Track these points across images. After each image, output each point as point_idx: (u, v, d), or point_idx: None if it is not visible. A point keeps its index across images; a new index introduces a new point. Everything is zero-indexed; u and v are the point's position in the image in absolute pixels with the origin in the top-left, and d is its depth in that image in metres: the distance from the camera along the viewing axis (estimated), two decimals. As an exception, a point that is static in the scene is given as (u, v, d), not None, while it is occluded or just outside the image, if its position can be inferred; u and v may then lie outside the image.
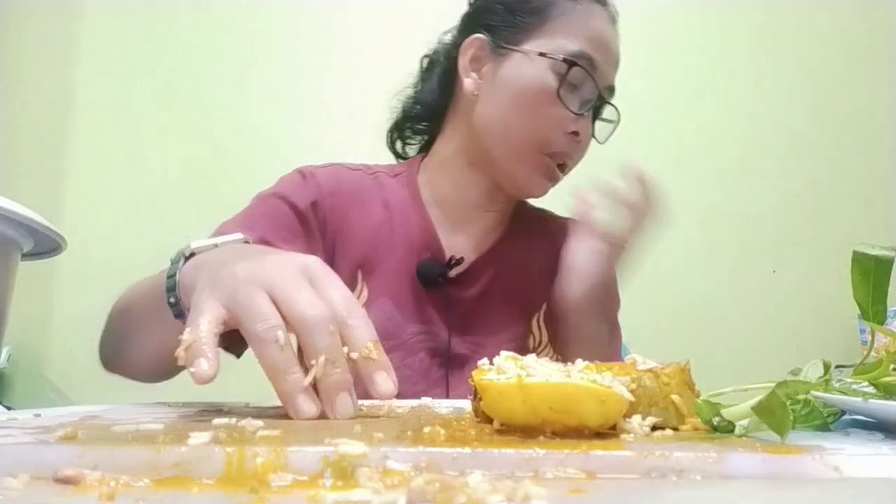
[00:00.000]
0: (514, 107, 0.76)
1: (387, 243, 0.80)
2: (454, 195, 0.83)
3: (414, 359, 0.76)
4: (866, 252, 0.39)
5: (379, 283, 0.78)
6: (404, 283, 0.79)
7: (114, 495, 0.22)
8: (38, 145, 1.84)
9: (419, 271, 0.79)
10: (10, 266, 0.59)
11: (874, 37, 1.92)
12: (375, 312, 0.76)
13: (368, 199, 0.82)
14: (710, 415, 0.34)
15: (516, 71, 0.77)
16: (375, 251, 0.79)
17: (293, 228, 0.77)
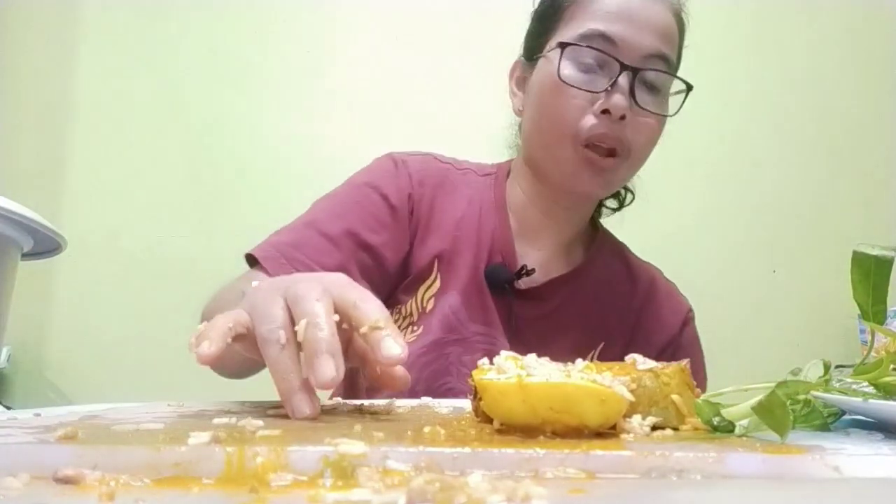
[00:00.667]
0: (539, 107, 0.76)
1: (466, 239, 0.80)
2: (525, 204, 0.83)
3: (472, 357, 0.75)
4: (866, 252, 0.39)
5: (452, 277, 0.78)
6: (475, 282, 0.79)
7: (114, 495, 0.22)
8: (38, 145, 1.84)
9: (487, 274, 0.79)
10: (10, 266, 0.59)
11: (875, 37, 1.92)
12: (443, 303, 0.77)
13: (454, 193, 0.82)
14: (710, 415, 0.34)
15: (539, 74, 0.77)
16: (454, 245, 0.79)
17: (382, 219, 0.77)
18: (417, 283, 0.78)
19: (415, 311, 0.77)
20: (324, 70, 1.85)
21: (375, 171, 0.82)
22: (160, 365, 1.63)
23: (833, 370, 0.39)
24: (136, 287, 1.73)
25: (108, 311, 1.73)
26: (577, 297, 0.82)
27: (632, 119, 0.72)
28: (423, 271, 0.78)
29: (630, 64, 0.71)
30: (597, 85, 0.72)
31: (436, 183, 0.82)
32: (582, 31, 0.73)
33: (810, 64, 1.90)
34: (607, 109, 0.70)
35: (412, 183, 0.80)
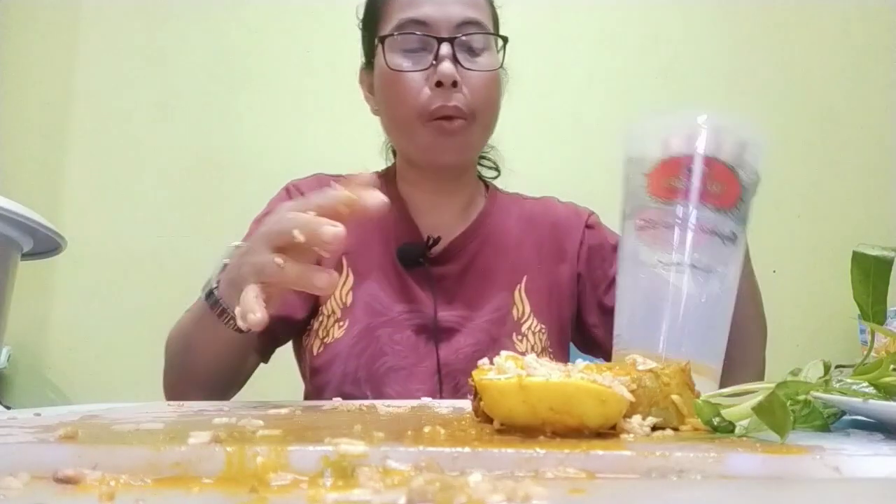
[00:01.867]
0: (386, 101, 0.82)
1: (369, 235, 0.85)
2: (414, 192, 0.88)
3: (402, 335, 0.81)
4: (866, 252, 0.39)
5: (363, 269, 0.84)
6: (387, 267, 0.84)
7: (114, 495, 0.22)
8: (38, 145, 1.84)
9: (399, 255, 0.84)
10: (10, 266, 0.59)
11: (875, 37, 1.92)
12: (361, 295, 0.82)
13: None
14: (710, 415, 0.34)
15: (377, 73, 0.83)
16: (359, 241, 0.83)
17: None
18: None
19: (336, 309, 0.82)
20: (324, 70, 1.84)
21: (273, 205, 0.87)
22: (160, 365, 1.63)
23: (833, 370, 0.39)
24: (136, 287, 1.73)
25: (108, 311, 1.73)
26: (486, 243, 0.88)
27: (465, 83, 0.77)
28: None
29: (445, 36, 0.77)
30: (423, 64, 0.78)
31: None
32: (395, 23, 0.79)
33: (810, 64, 1.90)
34: (439, 81, 0.76)
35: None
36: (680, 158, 0.52)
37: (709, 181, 0.51)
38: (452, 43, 0.77)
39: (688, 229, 0.51)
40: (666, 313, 0.51)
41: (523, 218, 0.92)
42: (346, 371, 0.78)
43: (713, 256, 0.51)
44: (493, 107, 0.83)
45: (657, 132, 0.54)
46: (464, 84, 0.77)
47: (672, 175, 0.52)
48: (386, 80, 0.80)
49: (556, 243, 0.90)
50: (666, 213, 0.52)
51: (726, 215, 0.52)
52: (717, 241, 0.51)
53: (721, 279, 0.52)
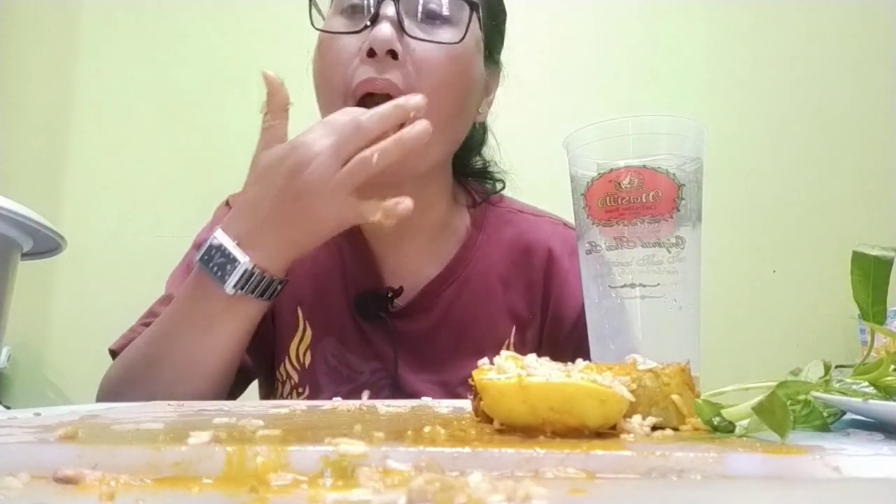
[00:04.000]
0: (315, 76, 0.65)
1: (325, 275, 0.70)
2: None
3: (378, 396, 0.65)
4: (866, 252, 0.39)
5: (321, 321, 0.69)
6: (348, 319, 0.69)
7: (114, 495, 0.22)
8: (38, 145, 1.84)
9: (355, 306, 0.69)
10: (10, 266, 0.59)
11: (875, 37, 1.92)
12: (321, 353, 0.68)
13: None
14: (710, 415, 0.34)
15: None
16: (313, 284, 0.70)
17: None
18: (286, 341, 0.69)
19: (293, 372, 0.68)
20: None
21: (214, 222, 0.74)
22: (160, 365, 1.63)
23: (833, 370, 0.39)
24: (136, 287, 1.73)
25: (108, 311, 1.73)
26: (464, 291, 0.70)
27: (407, 56, 0.58)
28: (288, 325, 0.69)
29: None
30: (357, 25, 0.60)
31: None
32: None
33: (809, 63, 1.90)
34: (371, 50, 0.57)
35: None
36: (608, 174, 0.51)
37: (641, 192, 0.50)
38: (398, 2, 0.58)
39: (628, 248, 0.50)
40: (625, 334, 0.51)
41: (518, 247, 0.73)
42: None
43: (661, 269, 0.50)
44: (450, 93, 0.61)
45: (587, 147, 0.53)
46: (408, 56, 0.58)
47: (605, 193, 0.51)
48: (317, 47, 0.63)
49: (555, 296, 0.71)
50: (606, 235, 0.51)
51: (667, 221, 0.50)
52: (661, 252, 0.50)
53: (675, 287, 0.51)
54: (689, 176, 0.51)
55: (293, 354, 0.69)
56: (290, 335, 0.70)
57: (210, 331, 0.56)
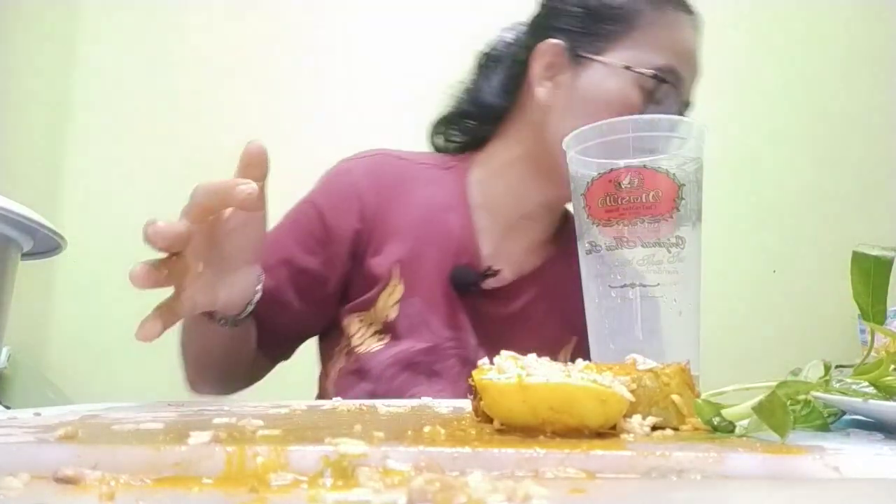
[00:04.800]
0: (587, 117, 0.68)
1: (428, 240, 0.76)
2: (508, 201, 0.79)
3: (444, 364, 0.73)
4: (866, 252, 0.39)
5: (415, 281, 0.75)
6: (439, 285, 0.75)
7: (114, 495, 0.22)
8: (37, 145, 1.84)
9: (452, 277, 0.75)
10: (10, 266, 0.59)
11: (875, 37, 1.92)
12: (408, 310, 0.74)
13: (413, 192, 0.79)
14: (710, 415, 0.34)
15: (599, 84, 0.72)
16: (415, 247, 0.76)
17: (319, 238, 0.77)
18: (378, 291, 0.75)
19: (377, 321, 0.74)
20: (324, 70, 1.85)
21: (318, 186, 0.80)
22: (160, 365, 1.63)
23: (833, 370, 0.39)
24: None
25: (108, 311, 1.73)
26: (547, 293, 0.78)
27: None
28: (382, 278, 0.75)
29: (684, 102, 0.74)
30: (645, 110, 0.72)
31: (391, 184, 0.79)
32: (660, 64, 0.71)
33: (809, 64, 1.90)
34: None
35: (359, 191, 0.77)
36: (608, 174, 0.51)
37: (641, 192, 0.50)
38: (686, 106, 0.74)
39: (629, 248, 0.50)
40: (625, 334, 0.50)
41: None
42: (376, 391, 0.71)
43: (661, 269, 0.50)
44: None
45: (587, 147, 0.53)
46: None
47: (604, 194, 0.51)
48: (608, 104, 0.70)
49: None
50: (606, 235, 0.51)
51: (667, 221, 0.50)
52: (661, 252, 0.50)
53: (675, 287, 0.51)
54: (689, 176, 0.51)
55: (381, 305, 0.75)
56: (382, 287, 0.75)
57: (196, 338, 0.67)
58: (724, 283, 1.72)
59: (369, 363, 0.73)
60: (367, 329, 0.75)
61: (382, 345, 0.73)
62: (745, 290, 1.78)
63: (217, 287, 0.56)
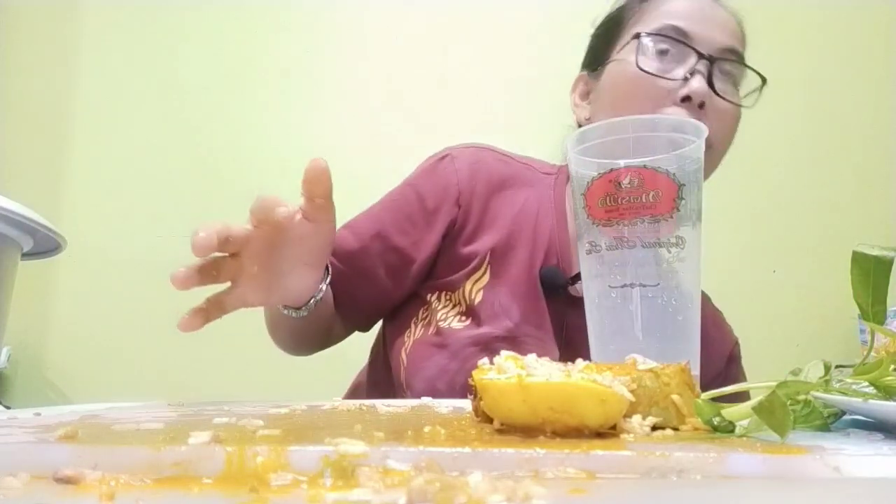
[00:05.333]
0: (614, 104, 0.76)
1: (521, 235, 0.79)
2: None
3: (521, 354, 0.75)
4: (866, 252, 0.39)
5: (503, 272, 0.78)
6: (527, 281, 0.78)
7: (114, 495, 0.22)
8: (38, 145, 1.84)
9: (542, 275, 0.78)
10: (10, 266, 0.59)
11: (875, 37, 1.92)
12: (491, 298, 0.77)
13: (513, 187, 0.82)
14: (710, 415, 0.34)
15: (610, 76, 0.78)
16: (508, 240, 0.79)
17: (415, 220, 0.80)
18: (466, 275, 0.79)
19: (462, 302, 0.77)
20: (324, 70, 1.85)
21: (420, 171, 0.83)
22: (160, 365, 1.63)
23: (833, 370, 0.39)
24: (136, 287, 1.73)
25: (108, 311, 1.73)
26: None
27: (711, 108, 0.72)
28: (472, 264, 0.79)
29: (707, 52, 0.72)
30: (675, 74, 0.72)
31: (492, 177, 0.82)
32: (656, 26, 0.74)
33: (810, 64, 1.90)
34: (688, 96, 0.70)
35: (459, 179, 0.80)
36: (608, 174, 0.51)
37: (641, 192, 0.50)
38: (713, 62, 0.72)
39: (629, 248, 0.50)
40: (625, 334, 0.50)
41: None
42: (448, 367, 0.73)
43: (661, 269, 0.50)
44: (730, 141, 0.78)
45: (587, 147, 0.53)
46: (710, 109, 0.72)
47: (605, 194, 0.51)
48: (626, 82, 0.74)
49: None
50: (606, 234, 0.51)
51: (667, 221, 0.50)
52: (661, 252, 0.50)
53: (675, 287, 0.50)
54: (689, 176, 0.51)
55: (468, 289, 0.77)
56: (470, 273, 0.78)
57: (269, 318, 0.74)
58: (724, 283, 1.72)
59: (450, 338, 0.75)
60: (452, 308, 0.78)
61: (464, 326, 0.76)
62: (745, 290, 1.78)
63: (271, 289, 0.58)
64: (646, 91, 0.72)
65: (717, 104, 0.73)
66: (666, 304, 0.50)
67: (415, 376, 0.74)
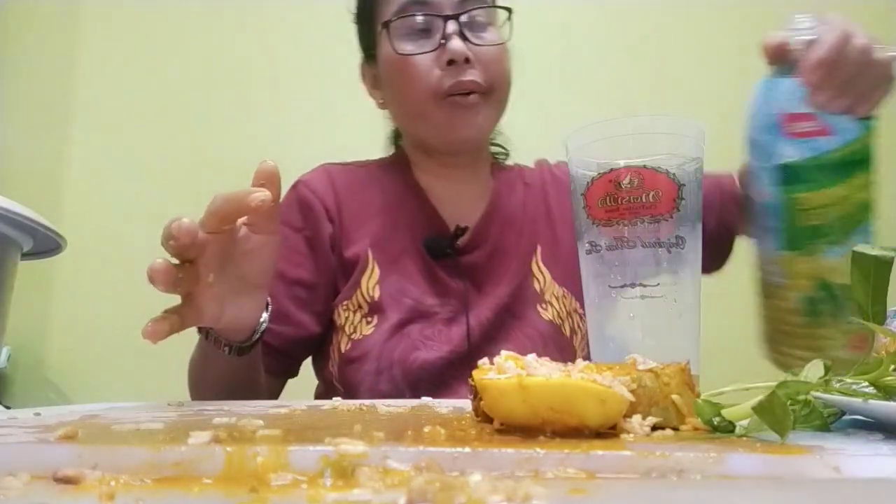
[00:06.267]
0: (395, 89, 0.81)
1: (393, 224, 0.84)
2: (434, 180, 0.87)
3: (434, 329, 0.79)
4: (866, 252, 0.39)
5: (389, 262, 0.82)
6: (414, 258, 0.82)
7: (114, 495, 0.22)
8: (38, 145, 1.84)
9: (427, 247, 0.82)
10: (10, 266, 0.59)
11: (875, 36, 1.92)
12: (388, 288, 0.80)
13: (365, 188, 0.87)
14: (710, 415, 0.34)
15: (382, 66, 0.82)
16: (382, 233, 0.83)
17: (302, 251, 0.83)
18: (358, 277, 0.82)
19: (363, 303, 0.80)
20: (324, 69, 1.84)
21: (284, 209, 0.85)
22: (160, 365, 1.63)
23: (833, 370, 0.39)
24: (137, 287, 1.72)
25: (108, 310, 1.73)
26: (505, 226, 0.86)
27: (477, 59, 0.77)
28: (360, 265, 0.82)
29: (450, 13, 0.77)
30: (431, 45, 0.77)
31: (344, 185, 0.87)
32: (396, 7, 0.78)
33: (810, 64, 1.90)
34: (451, 59, 0.75)
35: (319, 197, 0.85)
36: (608, 174, 0.51)
37: (641, 192, 0.50)
38: (458, 19, 0.76)
39: (629, 248, 0.50)
40: (625, 334, 0.51)
41: (526, 189, 0.91)
42: (381, 368, 0.76)
43: (661, 269, 0.50)
44: (507, 80, 0.81)
45: (587, 147, 0.53)
46: (476, 60, 0.76)
47: (604, 193, 0.51)
48: (395, 67, 0.79)
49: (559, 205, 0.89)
50: (605, 234, 0.51)
51: (667, 221, 0.50)
52: (661, 252, 0.50)
53: (675, 287, 0.50)
54: (689, 176, 0.51)
55: (364, 288, 0.81)
56: (361, 272, 0.82)
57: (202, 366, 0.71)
58: (724, 283, 1.72)
59: (367, 344, 0.77)
60: (355, 314, 0.80)
61: (373, 327, 0.78)
62: (745, 291, 1.78)
63: (225, 303, 0.57)
64: (414, 72, 0.77)
65: (480, 53, 0.77)
66: (666, 304, 0.50)
67: (359, 394, 0.76)
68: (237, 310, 0.59)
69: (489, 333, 0.79)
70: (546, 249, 0.87)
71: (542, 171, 0.94)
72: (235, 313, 0.59)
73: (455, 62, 0.75)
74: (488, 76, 0.77)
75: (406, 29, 0.78)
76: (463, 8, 0.77)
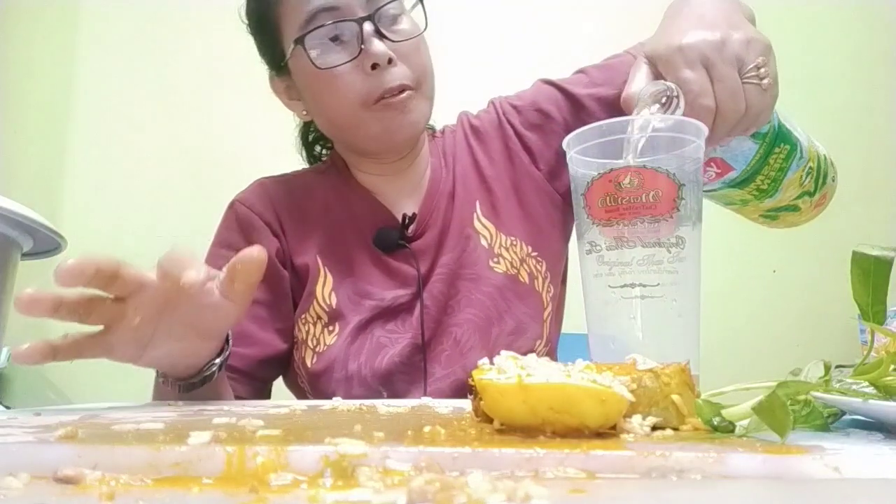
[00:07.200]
0: (320, 102, 0.78)
1: (337, 228, 0.82)
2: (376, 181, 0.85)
3: (397, 321, 0.78)
4: (866, 252, 0.39)
5: (340, 266, 0.81)
6: (367, 258, 0.81)
7: (114, 495, 0.22)
8: (38, 145, 1.84)
9: (377, 243, 0.81)
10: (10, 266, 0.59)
11: (875, 37, 1.92)
12: (344, 292, 0.79)
13: (303, 197, 0.86)
14: (710, 415, 0.34)
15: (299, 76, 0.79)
16: (328, 238, 0.82)
17: None
18: (312, 286, 0.80)
19: (322, 313, 0.79)
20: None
21: (222, 229, 0.84)
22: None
23: (833, 370, 0.39)
24: (136, 287, 1.73)
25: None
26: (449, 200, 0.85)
27: (399, 55, 0.73)
28: (311, 274, 0.81)
29: (362, 14, 0.72)
30: (351, 51, 0.73)
31: (282, 196, 0.85)
32: (304, 18, 0.74)
33: (809, 63, 1.90)
34: (374, 63, 0.72)
35: (258, 213, 0.83)
36: (608, 174, 0.50)
37: (641, 192, 0.50)
38: (373, 19, 0.72)
39: (629, 248, 0.50)
40: (625, 334, 0.50)
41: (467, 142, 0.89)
42: (349, 374, 0.75)
43: (661, 269, 0.50)
44: (430, 70, 0.79)
45: (587, 147, 0.53)
46: (398, 57, 0.73)
47: (605, 193, 0.51)
48: (318, 81, 0.75)
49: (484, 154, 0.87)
50: (606, 235, 0.51)
51: (667, 221, 0.50)
52: (661, 252, 0.50)
53: (675, 287, 0.50)
54: (689, 176, 0.51)
55: (320, 297, 0.79)
56: (314, 281, 0.80)
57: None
58: (724, 283, 1.72)
59: (332, 354, 0.76)
60: (316, 326, 0.79)
61: (336, 335, 0.77)
62: (745, 291, 1.78)
63: (146, 349, 0.54)
64: (340, 83, 0.73)
65: (401, 49, 0.73)
66: (666, 304, 0.50)
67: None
68: (165, 354, 0.56)
69: (444, 304, 0.79)
70: (484, 203, 0.84)
71: (462, 125, 0.92)
72: (161, 356, 0.56)
73: (378, 66, 0.72)
74: (414, 71, 0.74)
75: (320, 38, 0.74)
76: (374, 6, 0.73)
